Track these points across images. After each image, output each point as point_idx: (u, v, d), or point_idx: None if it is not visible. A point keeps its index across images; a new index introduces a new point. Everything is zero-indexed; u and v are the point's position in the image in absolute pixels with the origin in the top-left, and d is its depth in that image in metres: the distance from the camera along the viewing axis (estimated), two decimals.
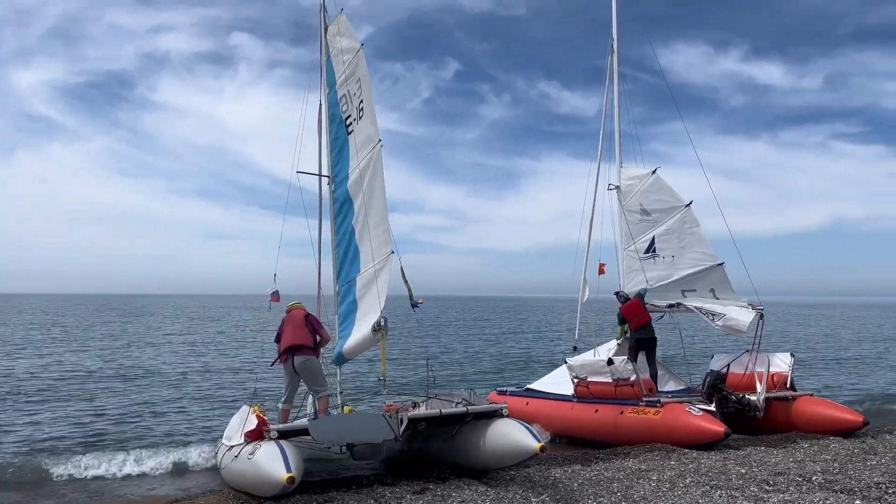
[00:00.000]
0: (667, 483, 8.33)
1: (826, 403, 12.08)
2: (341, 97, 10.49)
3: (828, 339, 44.03)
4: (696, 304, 13.89)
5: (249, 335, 42.27)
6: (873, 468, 9.12)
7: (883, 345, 38.53)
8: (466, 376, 21.13)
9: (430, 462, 9.04)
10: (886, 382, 21.68)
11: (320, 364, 9.90)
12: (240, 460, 7.91)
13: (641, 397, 11.48)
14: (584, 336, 15.31)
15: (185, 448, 11.49)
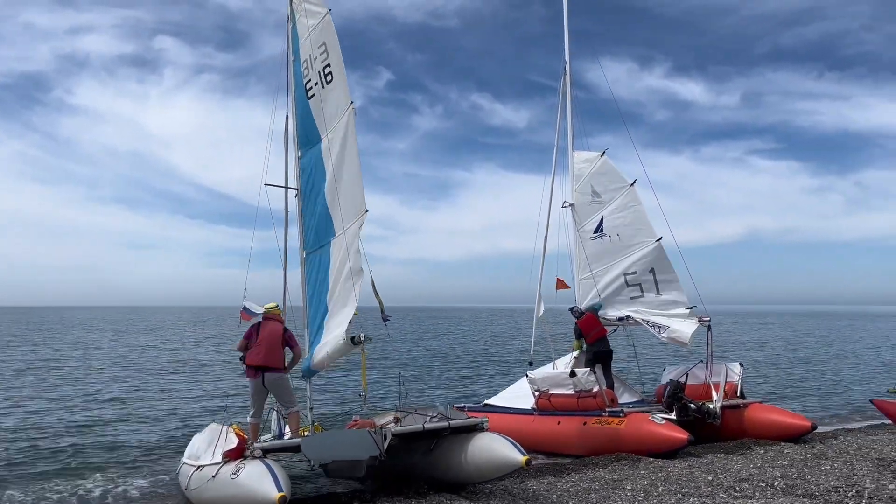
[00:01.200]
0: (641, 492, 8.55)
1: (776, 410, 12.65)
2: (303, 62, 10.35)
3: (763, 346, 45.97)
4: (643, 317, 14.34)
5: (192, 349, 41.06)
6: (828, 472, 9.60)
7: (816, 351, 40.49)
8: (421, 391, 21.06)
9: (406, 477, 9.00)
10: (826, 388, 22.77)
11: (289, 380, 9.74)
12: (219, 481, 7.67)
13: (605, 408, 11.74)
14: (540, 350, 15.58)
15: (143, 470, 11.08)
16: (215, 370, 28.76)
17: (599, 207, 14.99)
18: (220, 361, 32.92)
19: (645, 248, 14.42)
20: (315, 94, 10.08)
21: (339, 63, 9.73)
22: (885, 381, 23.66)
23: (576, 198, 15.26)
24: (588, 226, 15.07)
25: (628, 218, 14.67)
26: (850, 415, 17.21)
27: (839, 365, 32.19)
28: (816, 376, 26.98)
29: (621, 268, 14.66)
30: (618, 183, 14.88)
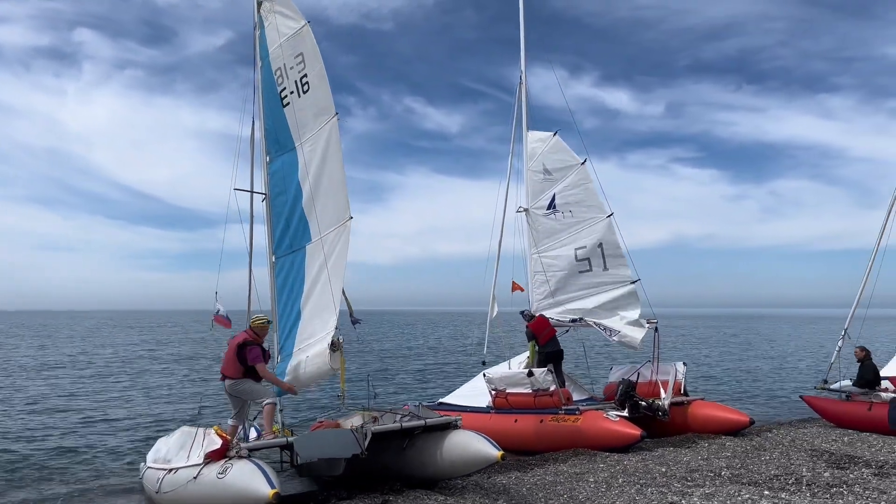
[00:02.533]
0: (603, 484, 9.10)
1: (717, 406, 13.47)
2: (276, 70, 10.43)
3: (696, 346, 47.91)
4: (594, 320, 14.99)
5: (133, 354, 39.90)
6: (768, 462, 10.39)
7: (742, 352, 42.46)
8: (377, 393, 21.23)
9: (379, 475, 9.25)
10: (756, 386, 24.09)
11: (250, 382, 9.78)
12: (203, 481, 7.74)
13: (561, 406, 12.29)
14: (493, 350, 16.06)
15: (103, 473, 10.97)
16: (161, 375, 28.19)
17: (552, 185, 15.59)
18: (165, 365, 32.27)
19: (596, 223, 15.09)
20: (290, 103, 10.22)
21: (320, 73, 9.89)
22: (807, 379, 25.26)
23: (528, 175, 15.86)
24: (540, 203, 15.66)
25: (580, 195, 15.32)
26: (780, 411, 18.37)
27: (765, 364, 34.02)
28: (746, 375, 28.49)
29: (572, 244, 15.30)
30: (569, 161, 15.55)
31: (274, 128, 10.64)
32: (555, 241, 15.49)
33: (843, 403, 13.68)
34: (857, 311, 14.93)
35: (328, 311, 9.31)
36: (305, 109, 10.09)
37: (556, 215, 15.52)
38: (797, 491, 8.68)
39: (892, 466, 9.99)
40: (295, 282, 10.14)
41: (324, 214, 9.76)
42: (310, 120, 10.05)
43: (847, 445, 11.82)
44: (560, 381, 13.91)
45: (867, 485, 8.93)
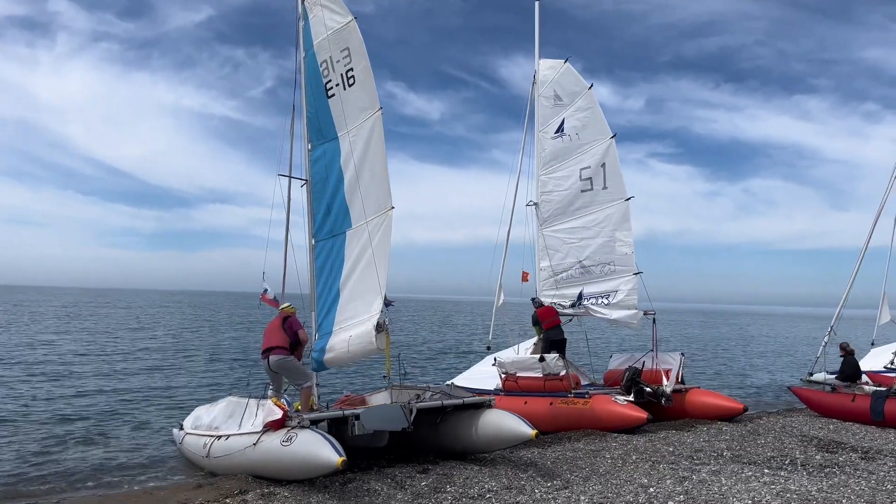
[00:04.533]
0: (619, 460, 9.92)
1: (713, 394, 14.40)
2: (322, 62, 10.93)
3: (673, 339, 49.20)
4: (595, 308, 15.89)
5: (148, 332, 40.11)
6: (764, 445, 11.31)
7: (725, 346, 43.82)
8: (371, 375, 21.89)
9: (413, 447, 9.97)
10: (743, 377, 25.22)
11: (295, 361, 10.50)
12: (264, 448, 8.34)
13: (570, 390, 13.11)
14: (499, 336, 16.88)
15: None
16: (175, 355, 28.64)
17: (561, 110, 16.45)
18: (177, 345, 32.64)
19: (600, 144, 15.96)
20: (335, 94, 10.78)
21: (366, 69, 10.45)
22: (785, 373, 26.49)
23: (539, 101, 16.71)
24: (549, 128, 16.55)
25: (587, 118, 16.18)
26: (768, 399, 19.48)
27: (743, 358, 35.34)
28: (732, 368, 29.71)
29: (577, 165, 16.18)
30: (578, 86, 16.38)
31: (317, 117, 11.15)
32: (561, 162, 16.41)
33: (829, 395, 14.68)
34: (859, 309, 16.03)
35: (372, 294, 9.93)
36: (350, 102, 10.63)
37: (563, 138, 16.41)
38: (794, 470, 9.57)
39: (877, 452, 10.95)
40: (334, 265, 10.73)
41: (366, 202, 10.35)
42: (354, 112, 10.59)
43: (833, 433, 12.79)
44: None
45: (856, 466, 9.85)
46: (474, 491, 8.08)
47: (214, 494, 7.78)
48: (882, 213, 16.05)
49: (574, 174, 16.19)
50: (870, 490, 8.29)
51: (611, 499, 7.77)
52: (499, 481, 8.52)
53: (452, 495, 7.87)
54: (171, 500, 7.66)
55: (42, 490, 9.27)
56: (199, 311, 77.07)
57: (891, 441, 11.95)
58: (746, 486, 8.49)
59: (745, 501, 7.69)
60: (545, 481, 8.58)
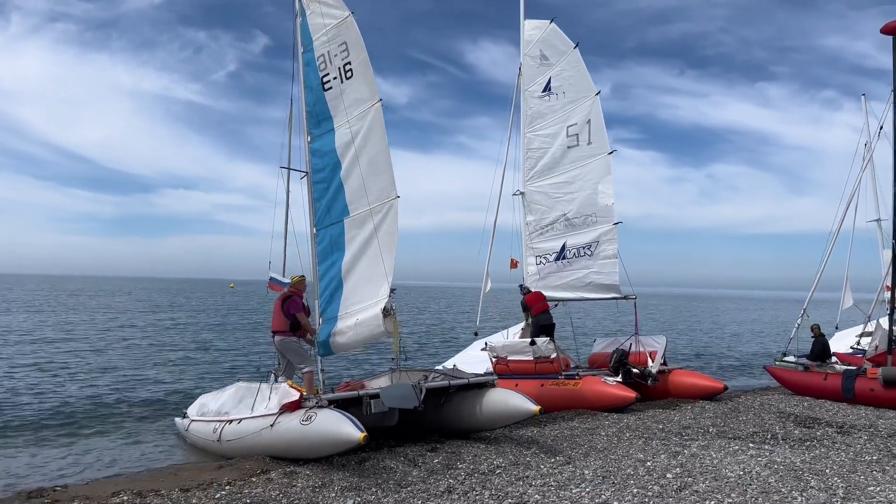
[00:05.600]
0: (614, 437, 10.46)
1: (694, 374, 15.07)
2: (319, 56, 11.17)
3: (661, 323, 50.37)
4: (580, 294, 16.50)
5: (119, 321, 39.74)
6: (745, 422, 11.96)
7: (696, 328, 45.03)
8: (374, 359, 22.24)
9: (418, 427, 10.38)
10: (718, 358, 26.11)
11: (297, 343, 10.84)
12: (282, 429, 8.66)
13: (561, 372, 13.64)
14: (486, 322, 17.36)
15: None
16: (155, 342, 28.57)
17: (547, 69, 16.95)
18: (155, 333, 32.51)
19: (585, 101, 16.55)
20: (333, 87, 11.04)
21: (364, 62, 10.73)
22: (760, 353, 27.52)
23: (524, 61, 17.16)
24: (535, 87, 17.05)
25: (573, 77, 16.73)
26: (743, 379, 20.34)
27: (721, 340, 36.50)
28: (707, 349, 30.71)
29: (564, 122, 16.73)
30: (564, 46, 16.89)
31: (315, 109, 11.42)
32: (548, 120, 16.91)
33: (802, 374, 15.46)
34: (817, 294, 16.88)
35: (379, 281, 10.28)
36: (348, 94, 10.89)
37: (550, 97, 16.93)
38: (777, 444, 10.21)
39: (851, 426, 11.68)
40: (335, 253, 11.03)
41: (367, 192, 10.66)
42: (352, 104, 10.86)
43: (808, 409, 13.53)
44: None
45: (833, 440, 10.53)
46: (484, 467, 8.52)
47: (238, 474, 8.09)
48: (842, 200, 16.89)
49: (561, 131, 16.74)
50: (850, 461, 8.92)
51: (612, 472, 8.26)
52: (506, 458, 8.98)
53: (464, 471, 8.30)
54: (195, 479, 7.93)
55: (56, 476, 9.51)
56: (172, 299, 76.44)
57: (862, 417, 12.71)
58: (735, 458, 9.06)
59: (737, 472, 8.23)
60: (548, 457, 9.05)
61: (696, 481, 7.81)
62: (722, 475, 8.09)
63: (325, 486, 7.66)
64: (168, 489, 7.47)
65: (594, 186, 16.32)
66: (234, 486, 7.61)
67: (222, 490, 7.44)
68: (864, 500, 6.97)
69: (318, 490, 7.50)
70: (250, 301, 74.22)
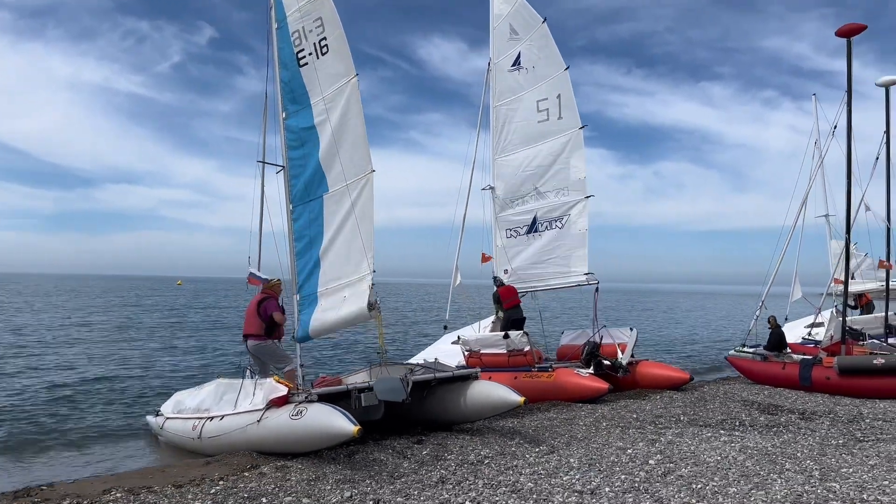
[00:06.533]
0: (592, 427, 10.73)
1: (661, 366, 15.50)
2: (293, 32, 11.09)
3: (618, 317, 51.29)
4: (551, 284, 16.81)
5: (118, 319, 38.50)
6: (713, 410, 12.40)
7: (650, 321, 46.02)
8: (344, 354, 22.17)
9: (400, 420, 10.45)
10: (673, 350, 26.81)
11: (273, 345, 10.80)
12: (270, 424, 8.59)
13: (534, 364, 13.88)
14: (455, 315, 17.51)
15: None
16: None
17: (517, 43, 17.20)
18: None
19: (555, 76, 16.84)
20: (308, 63, 10.97)
21: (340, 37, 10.70)
22: (717, 344, 28.38)
23: (493, 34, 17.41)
24: (504, 61, 17.30)
25: (543, 52, 16.99)
26: (704, 369, 20.98)
27: (680, 332, 37.47)
28: (667, 341, 31.51)
29: (534, 97, 16.98)
30: (533, 20, 17.15)
31: (290, 86, 11.29)
32: (518, 94, 17.16)
33: (762, 363, 16.07)
34: (759, 287, 17.55)
35: (357, 257, 10.30)
36: (323, 70, 10.84)
37: (520, 71, 17.18)
38: (745, 431, 10.63)
39: (812, 413, 12.22)
40: (312, 229, 10.93)
41: (344, 167, 10.64)
42: (328, 79, 10.81)
43: (769, 397, 14.08)
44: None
45: (798, 426, 11.02)
46: (472, 457, 8.66)
47: (228, 470, 8.05)
48: (794, 197, 17.60)
49: (531, 106, 16.97)
50: (818, 445, 9.36)
51: (597, 460, 8.49)
52: (491, 448, 9.14)
53: (454, 462, 8.43)
54: (185, 476, 7.85)
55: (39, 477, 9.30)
56: (121, 297, 74.53)
57: (820, 404, 13.30)
58: (710, 444, 9.41)
59: (715, 458, 8.56)
60: (532, 447, 9.25)
61: (678, 467, 8.10)
62: (701, 460, 8.41)
63: (319, 479, 7.69)
64: (160, 486, 7.39)
65: (566, 161, 16.62)
66: (227, 481, 7.57)
67: (216, 485, 7.40)
68: (840, 480, 7.34)
69: (312, 483, 7.53)
70: (203, 298, 73.05)
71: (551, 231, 16.61)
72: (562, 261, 16.43)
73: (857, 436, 10.11)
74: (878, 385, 13.78)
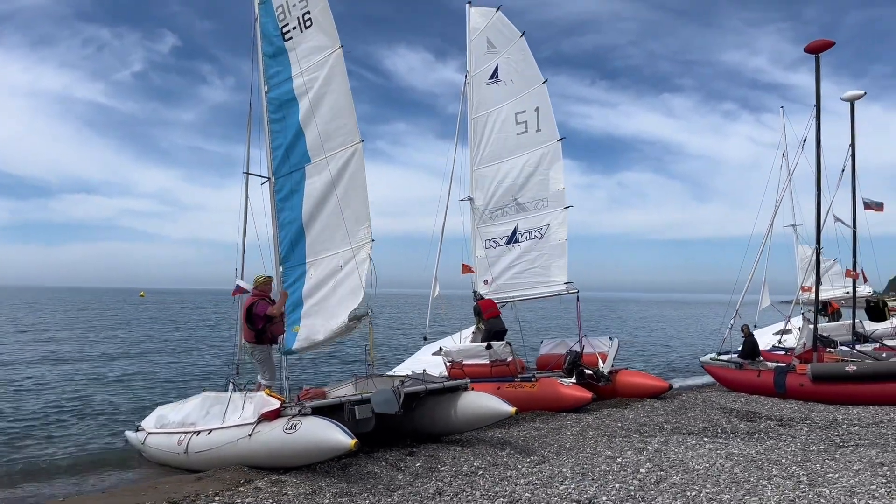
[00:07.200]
0: (580, 435, 10.85)
1: (640, 374, 15.73)
2: (277, 7, 11.18)
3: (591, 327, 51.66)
4: (531, 294, 16.96)
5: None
6: (694, 418, 12.60)
7: (625, 329, 46.50)
8: (320, 367, 21.96)
9: (389, 431, 10.41)
10: (648, 358, 27.12)
11: (260, 353, 10.71)
12: (262, 438, 8.47)
13: (517, 374, 13.96)
14: (434, 326, 17.52)
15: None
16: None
17: (494, 56, 17.37)
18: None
19: (533, 88, 17.02)
20: (293, 37, 11.07)
21: (323, 10, 10.82)
22: (689, 352, 28.80)
23: (471, 48, 17.57)
24: (483, 74, 17.47)
25: (521, 65, 17.18)
26: (680, 377, 21.29)
27: (653, 341, 37.93)
28: (641, 350, 31.87)
29: (513, 109, 17.16)
30: (511, 34, 17.32)
31: (273, 60, 11.36)
32: (496, 106, 17.32)
33: (737, 371, 16.38)
34: (729, 296, 18.00)
35: (351, 226, 10.41)
36: (307, 42, 10.96)
37: (498, 84, 17.34)
38: (728, 438, 10.84)
39: (789, 419, 12.50)
40: (295, 200, 10.99)
41: (330, 137, 10.71)
42: (312, 52, 10.92)
43: (746, 405, 14.35)
44: None
45: (778, 432, 11.27)
46: (465, 469, 8.69)
47: (221, 485, 7.94)
48: (762, 207, 18.11)
49: (510, 118, 17.16)
50: (801, 451, 9.58)
51: (589, 469, 8.58)
52: (484, 459, 9.18)
53: (448, 474, 8.44)
54: (179, 491, 7.72)
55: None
56: (83, 310, 72.89)
57: (796, 410, 13.60)
58: (696, 452, 9.57)
59: (703, 465, 8.71)
60: (524, 457, 9.31)
61: (669, 474, 8.23)
62: (691, 468, 8.55)
63: (316, 492, 7.65)
64: (154, 502, 7.28)
65: (545, 172, 16.82)
66: (222, 496, 7.48)
67: (212, 501, 7.31)
68: (828, 486, 7.53)
69: (310, 497, 7.48)
70: (168, 310, 71.81)
71: (531, 241, 16.77)
72: (542, 270, 16.58)
73: (836, 441, 10.37)
74: (851, 391, 14.14)
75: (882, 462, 8.52)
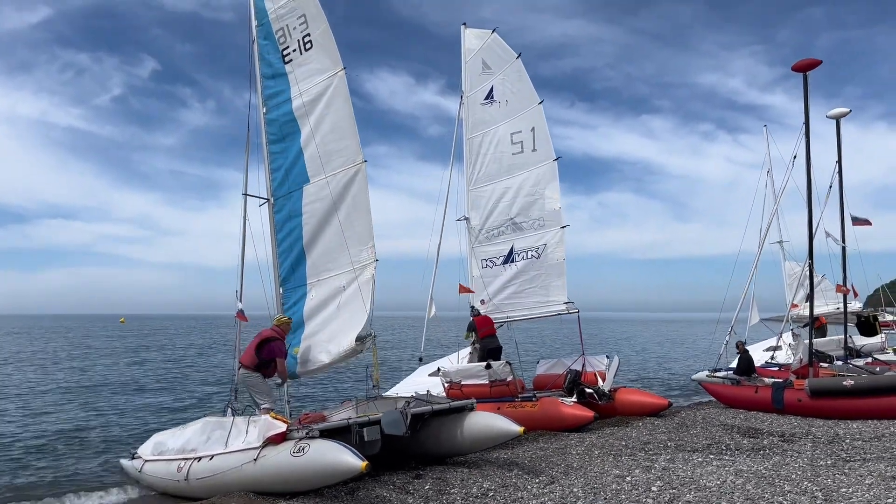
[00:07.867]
0: (585, 455, 10.74)
1: (639, 392, 15.66)
2: (277, 30, 11.23)
3: (562, 344, 51.50)
4: (530, 314, 16.94)
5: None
6: (697, 435, 12.54)
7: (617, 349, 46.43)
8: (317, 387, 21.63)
9: (394, 453, 10.25)
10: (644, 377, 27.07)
11: (257, 380, 10.53)
12: (269, 463, 8.29)
13: (517, 394, 13.85)
14: (430, 347, 17.41)
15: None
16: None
17: (490, 77, 17.44)
18: None
19: (529, 109, 17.07)
20: (293, 59, 11.10)
21: (325, 32, 10.89)
22: (684, 369, 28.82)
23: (466, 69, 17.65)
24: (478, 95, 17.53)
25: (516, 86, 17.23)
26: (676, 394, 21.23)
27: (646, 359, 37.94)
28: (636, 369, 31.81)
29: (508, 129, 17.18)
30: (506, 55, 17.40)
31: (273, 81, 11.38)
32: (491, 127, 17.38)
33: (735, 388, 16.38)
34: (717, 314, 18.19)
35: (354, 247, 10.39)
36: (308, 64, 11.00)
37: (493, 104, 17.41)
38: (733, 454, 10.78)
39: (791, 435, 12.48)
40: (294, 221, 10.99)
41: (331, 158, 10.71)
42: (313, 73, 10.96)
43: (746, 421, 14.33)
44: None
45: (783, 448, 11.23)
46: (475, 490, 8.56)
47: None
48: (748, 224, 18.33)
49: (505, 138, 17.23)
50: (809, 467, 9.53)
51: (599, 489, 8.49)
52: (493, 481, 9.05)
53: (459, 497, 8.31)
54: None
55: None
56: (65, 336, 71.70)
57: (796, 426, 13.59)
58: (704, 469, 9.49)
59: (714, 482, 8.64)
60: (532, 478, 9.19)
61: (681, 493, 8.14)
62: (702, 486, 8.47)
63: None
64: None
65: (541, 192, 16.88)
66: None
67: None
68: (844, 501, 7.49)
69: None
70: (151, 337, 70.73)
71: (528, 261, 16.77)
72: (541, 290, 16.56)
73: (843, 456, 10.35)
74: (849, 406, 14.18)
75: (894, 476, 8.50)
